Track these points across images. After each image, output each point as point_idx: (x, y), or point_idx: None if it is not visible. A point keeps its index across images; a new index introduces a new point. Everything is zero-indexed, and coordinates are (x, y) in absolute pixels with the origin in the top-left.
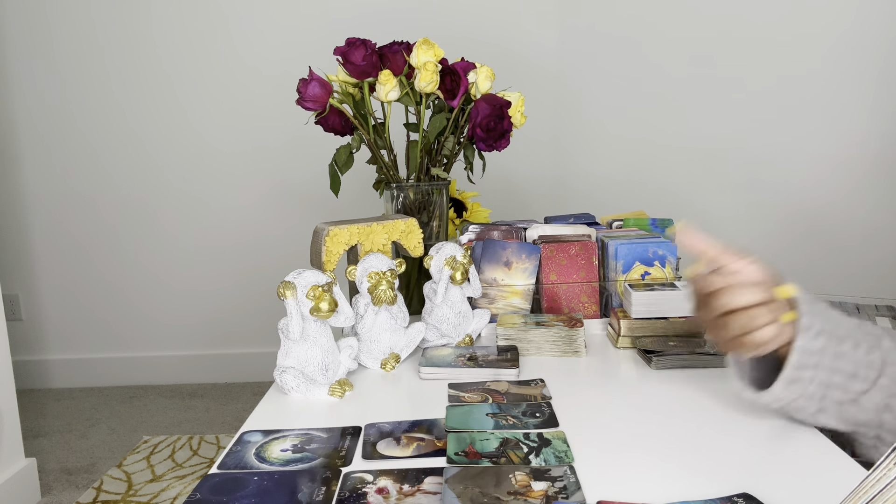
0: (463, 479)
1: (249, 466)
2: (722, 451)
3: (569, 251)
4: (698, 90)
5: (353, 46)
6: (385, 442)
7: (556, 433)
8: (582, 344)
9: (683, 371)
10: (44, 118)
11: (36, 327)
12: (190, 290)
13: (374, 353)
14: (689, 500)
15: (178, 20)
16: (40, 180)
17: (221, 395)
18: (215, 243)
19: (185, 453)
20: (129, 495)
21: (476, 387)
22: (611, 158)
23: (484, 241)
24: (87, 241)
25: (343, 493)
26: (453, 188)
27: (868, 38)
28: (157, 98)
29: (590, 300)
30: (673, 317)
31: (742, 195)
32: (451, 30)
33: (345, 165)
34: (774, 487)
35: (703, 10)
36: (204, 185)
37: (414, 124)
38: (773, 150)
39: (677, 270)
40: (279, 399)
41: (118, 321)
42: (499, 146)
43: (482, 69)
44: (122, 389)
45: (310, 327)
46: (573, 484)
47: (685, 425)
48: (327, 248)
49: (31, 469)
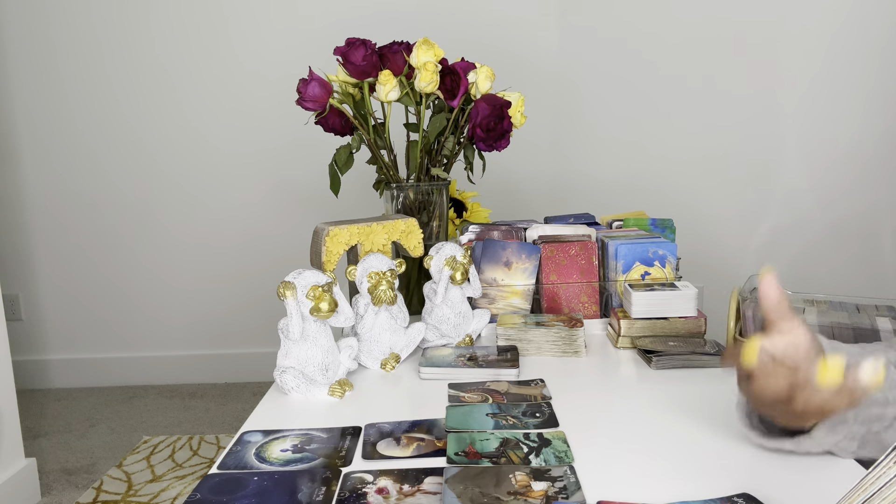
0: (463, 479)
1: (249, 466)
2: (722, 451)
3: (569, 251)
4: (698, 90)
5: (353, 46)
6: (385, 442)
7: (556, 433)
8: (582, 344)
9: (683, 371)
10: (44, 118)
11: (36, 327)
12: (190, 290)
13: (374, 354)
14: (689, 500)
15: (178, 20)
16: (40, 180)
17: (221, 395)
18: (215, 243)
19: (185, 453)
20: (129, 495)
21: (476, 387)
22: (611, 159)
23: (484, 241)
24: (87, 241)
25: (343, 493)
26: (453, 188)
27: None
28: (158, 98)
29: (590, 300)
30: (673, 317)
31: (742, 194)
32: (451, 30)
33: (345, 165)
34: (774, 487)
35: (703, 11)
36: (204, 184)
37: (414, 124)
38: (773, 149)
39: (677, 270)
40: (279, 399)
41: (118, 321)
42: (499, 146)
43: (482, 69)
44: (122, 389)
45: (310, 327)
46: (573, 484)
47: (685, 425)
48: (327, 248)
49: (31, 469)
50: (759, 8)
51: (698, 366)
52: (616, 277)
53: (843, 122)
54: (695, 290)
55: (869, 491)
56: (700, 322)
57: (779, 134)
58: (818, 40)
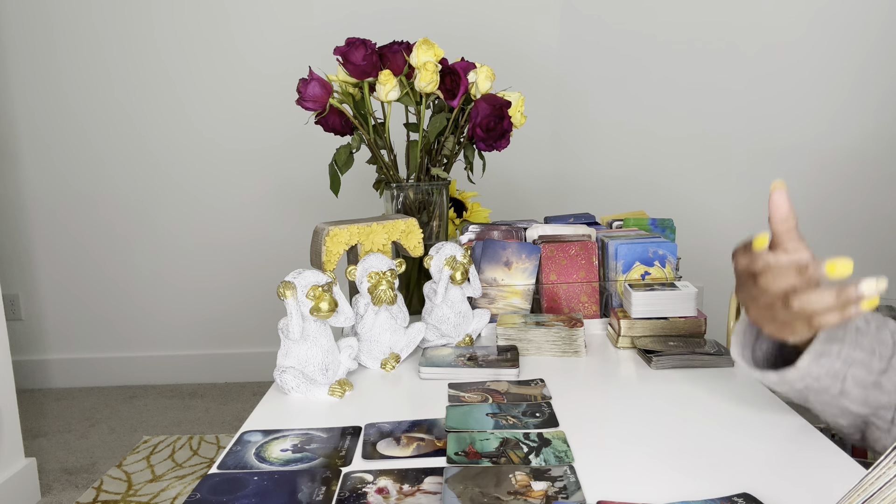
0: (463, 479)
1: (249, 466)
2: (722, 451)
3: (569, 251)
4: (698, 90)
5: (353, 46)
6: (385, 442)
7: (556, 433)
8: (582, 344)
9: (683, 371)
10: (44, 118)
11: (36, 327)
12: (190, 290)
13: (374, 353)
14: (689, 500)
15: (178, 19)
16: (40, 180)
17: (221, 395)
18: (215, 243)
19: (185, 453)
20: (129, 495)
21: (476, 387)
22: (611, 158)
23: (484, 241)
24: (87, 241)
25: (343, 493)
26: (453, 188)
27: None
28: (158, 98)
29: (590, 300)
30: (673, 317)
31: (742, 194)
32: (451, 29)
33: (345, 165)
34: (774, 487)
35: (703, 11)
36: (204, 184)
37: (414, 124)
38: (773, 149)
39: (677, 270)
40: (279, 399)
41: (118, 321)
42: (499, 146)
43: (482, 69)
44: (122, 389)
45: (310, 327)
46: (573, 484)
47: (685, 425)
48: (327, 248)
49: (31, 469)
50: (760, 8)
51: (698, 366)
52: (616, 277)
53: (842, 123)
54: (695, 290)
55: (869, 491)
56: (700, 322)
57: (779, 134)
58: (818, 41)
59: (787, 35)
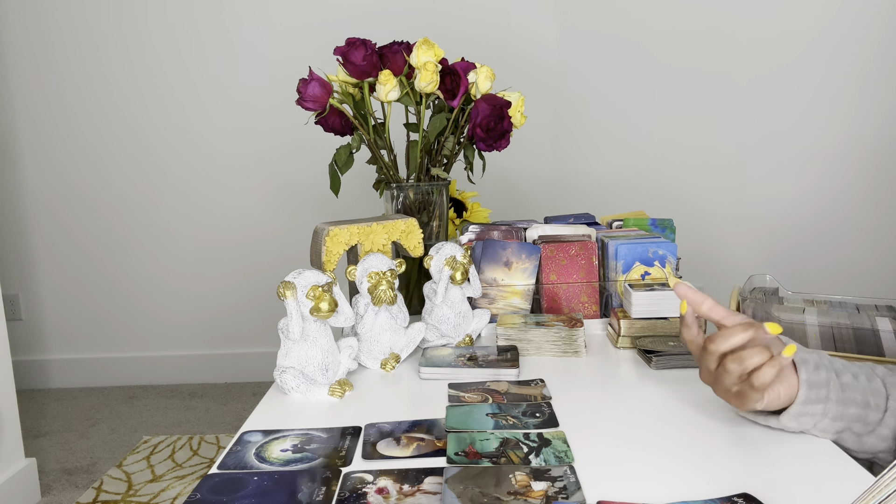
0: (463, 479)
1: (249, 466)
2: (722, 451)
3: (569, 251)
4: (699, 90)
5: (353, 46)
6: (385, 442)
7: (556, 433)
8: (582, 344)
9: (683, 371)
10: (44, 118)
11: (36, 327)
12: (190, 290)
13: (374, 353)
14: (689, 500)
15: (177, 20)
16: (40, 180)
17: (221, 395)
18: (215, 243)
19: (185, 453)
20: (129, 495)
21: (476, 387)
22: (611, 159)
23: (484, 241)
24: (87, 241)
25: (343, 493)
26: (453, 188)
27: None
28: (157, 98)
29: (590, 300)
30: (673, 317)
31: (742, 194)
32: (451, 30)
33: (345, 165)
34: (774, 487)
35: (703, 11)
36: (204, 184)
37: (414, 124)
38: (773, 149)
39: (677, 270)
40: (279, 399)
41: (118, 321)
42: (499, 146)
43: (482, 69)
44: (122, 389)
45: (310, 327)
46: (573, 484)
47: (685, 425)
48: (327, 248)
49: (31, 469)
50: (760, 8)
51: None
52: (616, 277)
53: (843, 122)
54: None
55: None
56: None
57: (779, 134)
58: (818, 41)
59: (787, 35)
